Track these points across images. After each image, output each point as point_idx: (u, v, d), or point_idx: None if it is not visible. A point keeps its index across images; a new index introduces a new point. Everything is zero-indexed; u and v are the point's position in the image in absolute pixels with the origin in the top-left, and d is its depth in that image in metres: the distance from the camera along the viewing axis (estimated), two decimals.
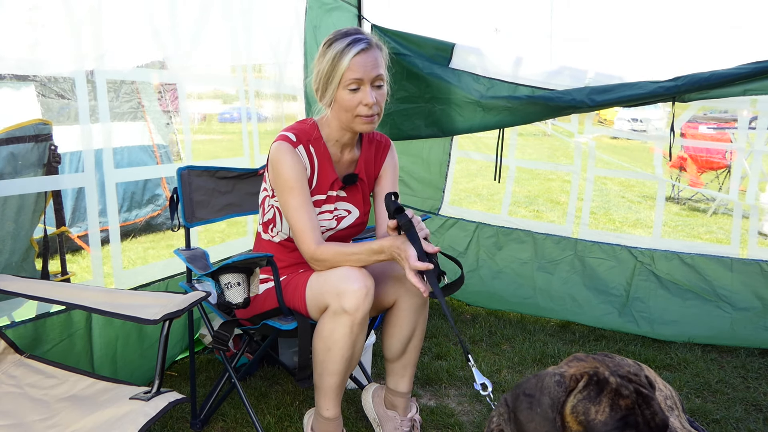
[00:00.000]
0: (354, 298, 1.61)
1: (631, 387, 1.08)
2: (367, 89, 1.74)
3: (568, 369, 1.14)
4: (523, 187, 7.84)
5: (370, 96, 1.73)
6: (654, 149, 3.70)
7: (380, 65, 1.76)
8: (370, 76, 1.73)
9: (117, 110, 4.50)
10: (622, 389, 1.07)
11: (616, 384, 1.08)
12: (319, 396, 1.74)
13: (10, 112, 3.40)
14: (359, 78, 1.72)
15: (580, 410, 1.07)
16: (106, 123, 2.16)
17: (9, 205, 2.04)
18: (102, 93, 2.12)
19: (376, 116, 1.78)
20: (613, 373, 1.10)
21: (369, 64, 1.73)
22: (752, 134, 3.20)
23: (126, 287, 2.22)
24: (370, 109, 1.75)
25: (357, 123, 1.78)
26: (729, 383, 2.45)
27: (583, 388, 1.09)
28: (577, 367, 1.14)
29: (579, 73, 2.97)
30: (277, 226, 1.89)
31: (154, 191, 5.02)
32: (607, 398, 1.06)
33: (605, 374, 1.10)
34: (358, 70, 1.72)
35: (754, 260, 2.95)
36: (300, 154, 1.79)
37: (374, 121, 1.79)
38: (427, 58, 3.10)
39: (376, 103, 1.75)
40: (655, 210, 3.39)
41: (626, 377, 1.10)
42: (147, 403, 1.27)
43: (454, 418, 2.15)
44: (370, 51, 1.74)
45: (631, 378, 1.10)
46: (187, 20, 2.47)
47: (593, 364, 1.13)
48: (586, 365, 1.14)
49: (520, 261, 3.35)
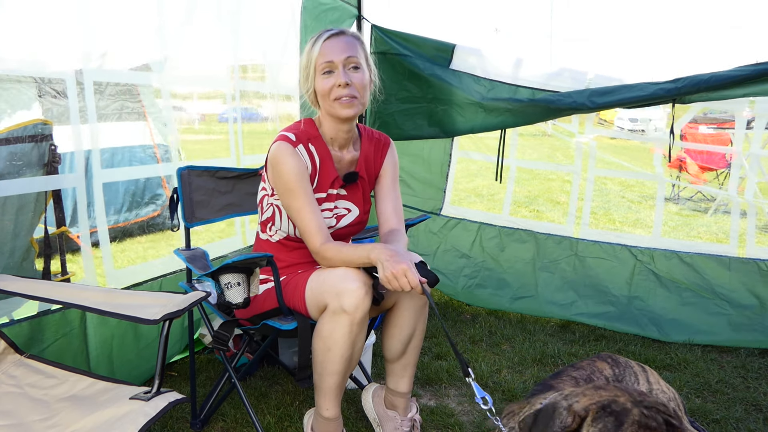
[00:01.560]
0: (353, 297, 1.61)
1: (660, 418, 1.01)
2: (339, 71, 1.75)
3: (581, 399, 1.08)
4: (523, 187, 7.84)
5: (342, 76, 1.74)
6: (654, 149, 3.71)
7: (352, 49, 1.77)
8: (340, 57, 1.75)
9: (118, 111, 4.50)
10: (649, 421, 1.00)
11: (639, 415, 1.02)
12: (319, 396, 1.74)
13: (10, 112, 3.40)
14: (330, 60, 1.75)
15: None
16: (94, 123, 2.17)
17: (9, 205, 2.04)
18: (89, 94, 2.12)
19: (354, 99, 1.77)
20: (637, 403, 1.04)
21: (339, 47, 1.75)
22: (750, 134, 3.21)
23: (120, 286, 2.21)
24: (345, 88, 1.75)
25: (336, 107, 1.78)
26: (729, 383, 2.45)
27: (592, 422, 1.04)
28: (591, 397, 1.07)
29: (579, 75, 2.98)
30: (276, 225, 1.89)
31: (154, 191, 5.02)
32: (630, 430, 1.01)
33: (627, 405, 1.04)
34: (327, 53, 1.75)
35: (752, 259, 2.97)
36: (300, 153, 1.79)
37: (353, 104, 1.77)
38: (427, 59, 3.11)
39: (351, 85, 1.75)
40: (654, 210, 3.40)
41: (654, 407, 1.04)
42: (147, 403, 1.27)
43: (454, 418, 2.15)
44: (341, 36, 1.78)
45: (659, 408, 1.04)
46: (176, 22, 2.47)
47: (613, 393, 1.06)
48: (604, 394, 1.07)
49: (523, 261, 3.36)
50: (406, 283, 1.58)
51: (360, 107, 1.80)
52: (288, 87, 3.17)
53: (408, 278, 1.58)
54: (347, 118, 1.80)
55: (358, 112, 1.81)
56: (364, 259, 1.68)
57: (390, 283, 1.59)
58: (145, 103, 4.95)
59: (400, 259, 1.60)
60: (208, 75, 2.83)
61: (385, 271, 1.60)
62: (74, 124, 2.05)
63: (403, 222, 1.98)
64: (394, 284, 1.59)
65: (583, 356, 2.68)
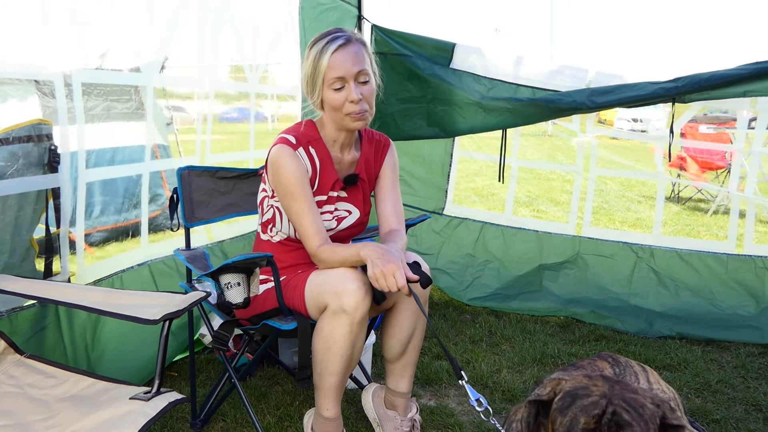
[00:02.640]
0: (353, 297, 1.61)
1: (610, 409, 1.05)
2: (351, 86, 1.73)
3: (568, 380, 1.15)
4: (524, 187, 7.84)
5: (354, 92, 1.73)
6: (654, 149, 3.72)
7: (362, 60, 1.74)
8: (351, 72, 1.72)
9: (120, 110, 4.49)
10: (591, 409, 1.06)
11: (590, 402, 1.07)
12: (319, 396, 1.74)
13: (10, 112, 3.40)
14: (341, 76, 1.72)
15: (553, 418, 1.11)
16: (82, 124, 2.16)
17: (9, 205, 2.04)
18: (77, 95, 2.11)
19: (365, 112, 1.77)
20: (604, 395, 1.09)
21: (349, 61, 1.72)
22: (751, 134, 3.22)
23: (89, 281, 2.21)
24: (357, 105, 1.74)
25: (348, 121, 1.78)
26: (729, 383, 2.45)
27: (559, 399, 1.12)
28: (577, 380, 1.15)
29: (580, 72, 2.98)
30: (276, 226, 1.89)
31: (155, 191, 5.02)
32: (572, 412, 1.08)
33: (593, 391, 1.10)
34: (338, 68, 1.72)
35: (750, 256, 2.98)
36: (300, 156, 1.79)
37: (365, 117, 1.78)
38: (427, 59, 3.11)
39: (362, 99, 1.75)
40: (655, 210, 3.40)
41: (623, 402, 1.06)
42: (147, 403, 1.27)
43: (454, 418, 2.15)
44: (349, 46, 1.73)
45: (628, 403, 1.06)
46: (190, 19, 2.47)
47: (595, 382, 1.13)
48: (589, 381, 1.13)
49: (526, 260, 3.37)
50: (393, 284, 1.58)
51: (370, 118, 1.81)
52: (290, 87, 3.17)
53: (396, 278, 1.57)
54: (356, 130, 1.82)
55: (368, 123, 1.82)
56: (355, 257, 1.68)
57: (378, 281, 1.59)
58: (146, 103, 4.95)
59: (390, 258, 1.60)
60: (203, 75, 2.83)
61: (374, 269, 1.59)
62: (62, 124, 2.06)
63: (403, 222, 1.98)
64: (381, 283, 1.59)
65: (583, 356, 2.68)
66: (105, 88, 2.34)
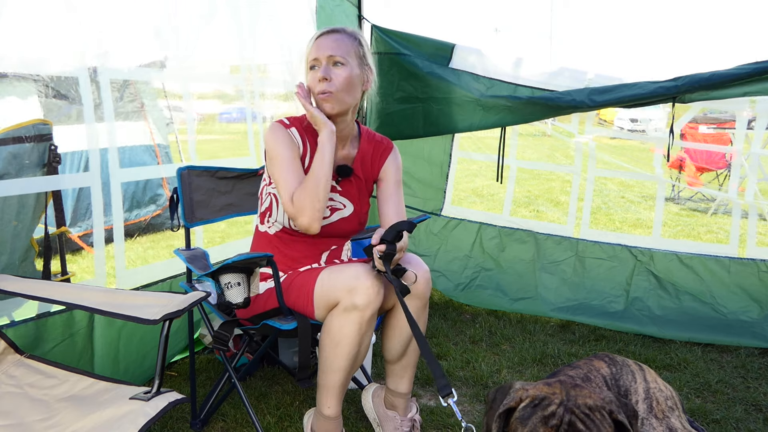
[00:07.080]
0: (366, 294, 1.62)
1: (567, 418, 1.14)
2: (321, 66, 1.80)
3: (530, 389, 1.24)
4: (523, 187, 7.84)
5: (321, 71, 1.79)
6: (654, 150, 3.71)
7: (342, 47, 1.81)
8: (324, 54, 1.80)
9: (120, 110, 4.50)
10: (550, 419, 1.15)
11: (549, 413, 1.16)
12: (321, 393, 1.74)
13: (11, 112, 3.40)
14: (315, 57, 1.81)
15: (513, 427, 1.19)
16: (111, 122, 2.17)
17: (9, 205, 2.04)
18: (106, 92, 2.13)
19: (330, 93, 1.78)
20: (561, 403, 1.17)
21: (326, 45, 1.80)
22: (751, 134, 3.21)
23: (128, 287, 2.21)
24: (322, 83, 1.78)
25: (320, 102, 1.82)
26: (729, 383, 2.45)
27: (522, 408, 1.20)
28: (538, 389, 1.23)
29: (579, 74, 2.97)
30: (273, 215, 1.90)
31: (155, 191, 5.03)
32: (532, 422, 1.16)
33: (552, 401, 1.18)
34: (315, 50, 1.81)
35: (752, 260, 2.97)
36: (292, 134, 1.85)
37: (329, 99, 1.79)
38: (426, 58, 3.10)
39: (330, 81, 1.78)
40: (654, 210, 3.39)
41: (577, 409, 1.15)
42: (147, 403, 1.27)
43: (454, 418, 2.15)
44: (333, 34, 1.82)
45: (583, 412, 1.15)
46: (191, 19, 2.47)
47: (554, 390, 1.21)
48: (548, 390, 1.22)
49: (523, 261, 3.36)
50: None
51: (339, 104, 1.81)
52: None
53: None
54: (330, 114, 1.82)
55: (339, 109, 1.82)
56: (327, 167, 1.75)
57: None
58: (145, 103, 4.96)
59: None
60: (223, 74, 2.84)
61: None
62: (89, 122, 2.06)
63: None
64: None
65: (582, 356, 2.68)
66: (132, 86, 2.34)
